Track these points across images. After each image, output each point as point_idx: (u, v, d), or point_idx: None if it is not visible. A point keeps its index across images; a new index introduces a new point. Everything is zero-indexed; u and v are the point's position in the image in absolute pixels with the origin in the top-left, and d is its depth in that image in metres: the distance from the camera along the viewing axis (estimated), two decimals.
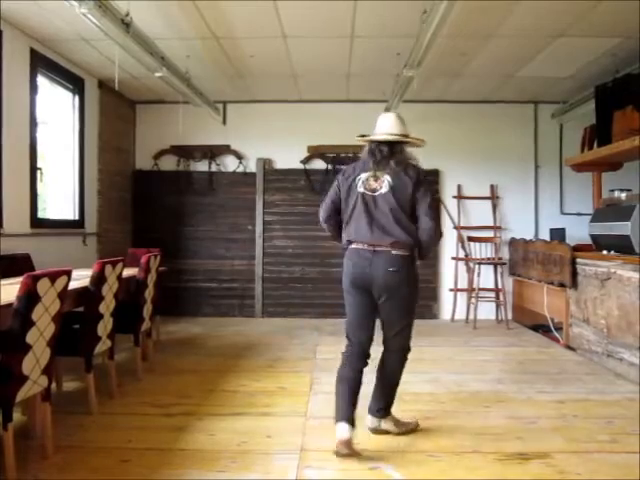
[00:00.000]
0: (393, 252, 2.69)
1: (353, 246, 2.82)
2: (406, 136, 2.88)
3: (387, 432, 2.91)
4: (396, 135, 2.85)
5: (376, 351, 2.89)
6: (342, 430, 2.57)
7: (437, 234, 2.79)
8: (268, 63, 5.50)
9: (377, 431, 2.91)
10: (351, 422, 2.60)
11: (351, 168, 2.91)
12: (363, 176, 2.82)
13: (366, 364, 2.83)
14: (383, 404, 2.92)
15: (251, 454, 2.67)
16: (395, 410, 2.97)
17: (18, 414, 2.88)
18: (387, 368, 2.92)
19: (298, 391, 3.73)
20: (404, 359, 2.93)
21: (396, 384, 2.94)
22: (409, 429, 2.95)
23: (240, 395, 3.62)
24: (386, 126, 2.93)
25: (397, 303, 2.76)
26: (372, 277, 2.72)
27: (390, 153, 2.81)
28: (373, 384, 2.94)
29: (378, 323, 2.88)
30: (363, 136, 3.01)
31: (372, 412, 2.93)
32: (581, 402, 3.52)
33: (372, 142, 2.91)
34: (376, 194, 2.76)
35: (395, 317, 2.81)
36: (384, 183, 2.75)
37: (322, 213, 3.00)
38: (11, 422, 2.31)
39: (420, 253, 2.81)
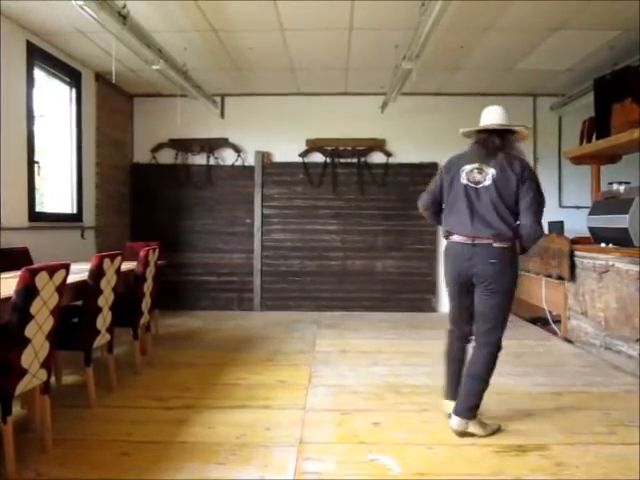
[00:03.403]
0: (494, 244, 2.73)
1: (453, 238, 2.86)
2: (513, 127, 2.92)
3: (473, 435, 2.79)
4: (503, 125, 2.89)
5: None
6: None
7: (537, 230, 2.78)
8: (266, 56, 5.48)
9: (464, 434, 2.79)
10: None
11: (456, 159, 2.94)
12: (467, 168, 2.84)
13: (469, 342, 2.97)
14: (472, 404, 2.79)
15: (250, 447, 2.68)
16: (395, 401, 2.98)
17: (17, 407, 2.88)
18: (476, 365, 2.83)
19: (297, 384, 3.74)
20: (494, 356, 2.84)
21: (485, 382, 2.81)
22: (494, 431, 2.85)
23: (239, 388, 3.63)
24: (494, 117, 2.95)
25: (494, 295, 2.78)
26: (473, 269, 2.77)
27: (501, 145, 2.83)
28: (461, 385, 2.88)
29: None
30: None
31: (459, 413, 2.79)
32: (579, 394, 3.54)
33: (482, 132, 2.93)
34: (479, 187, 2.79)
35: (489, 310, 2.81)
36: (488, 176, 2.78)
37: (420, 202, 3.07)
38: (10, 415, 2.31)
39: (521, 247, 2.87)
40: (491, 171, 2.78)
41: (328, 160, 6.89)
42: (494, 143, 2.83)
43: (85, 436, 2.80)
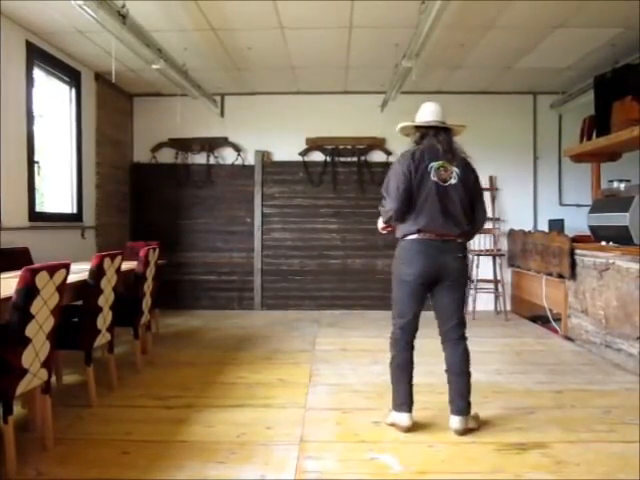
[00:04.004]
0: (458, 240, 2.86)
1: (419, 236, 2.81)
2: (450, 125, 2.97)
3: (472, 430, 2.83)
4: (446, 123, 2.93)
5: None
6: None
7: (485, 223, 3.06)
8: (266, 55, 5.47)
9: (465, 431, 2.80)
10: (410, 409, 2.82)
11: (419, 153, 2.84)
12: (435, 165, 2.82)
13: (413, 349, 2.93)
14: (468, 399, 2.83)
15: (250, 445, 2.68)
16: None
17: (18, 407, 2.88)
18: (460, 362, 2.86)
19: (297, 383, 3.74)
20: (468, 347, 2.91)
21: (470, 374, 2.87)
22: (479, 419, 2.95)
23: (239, 387, 3.64)
24: (431, 113, 2.95)
25: (459, 288, 2.89)
26: (442, 265, 2.80)
27: (449, 142, 2.88)
28: (449, 386, 2.88)
29: None
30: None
31: (461, 412, 2.80)
32: (579, 392, 3.54)
33: (425, 128, 2.93)
34: (447, 184, 2.82)
35: (454, 303, 2.89)
36: (453, 174, 2.83)
37: (395, 204, 2.82)
38: (11, 415, 2.32)
39: (467, 239, 2.98)
40: (455, 169, 2.83)
41: (328, 159, 6.88)
42: (445, 140, 2.87)
43: (85, 435, 2.80)
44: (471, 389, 2.84)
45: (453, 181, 2.81)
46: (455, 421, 2.81)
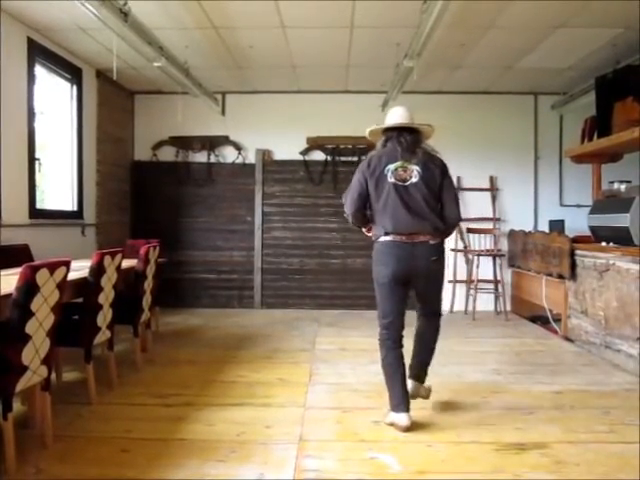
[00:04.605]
0: (431, 242, 2.84)
1: (390, 238, 2.87)
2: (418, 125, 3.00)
3: (421, 397, 3.12)
4: (411, 124, 2.97)
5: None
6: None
7: (459, 218, 3.04)
8: (267, 54, 5.47)
9: (415, 396, 3.06)
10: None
11: (376, 159, 2.94)
12: (392, 167, 2.88)
13: (402, 347, 2.97)
14: (427, 370, 3.14)
15: (250, 444, 2.68)
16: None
17: (18, 404, 2.88)
18: (430, 335, 3.11)
19: (297, 382, 3.74)
20: (439, 323, 3.13)
21: (434, 348, 3.13)
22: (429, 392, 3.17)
23: (239, 386, 3.64)
24: (399, 117, 3.00)
25: (437, 284, 3.05)
26: (415, 268, 2.85)
27: (413, 142, 2.90)
28: (413, 353, 3.12)
29: None
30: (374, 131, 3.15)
31: (418, 378, 3.11)
32: (579, 393, 3.54)
33: (391, 131, 2.98)
34: (407, 184, 2.86)
35: (434, 295, 3.09)
36: (413, 173, 2.86)
37: (350, 206, 3.00)
38: (11, 412, 2.32)
39: (443, 236, 2.99)
40: (415, 168, 2.87)
41: (329, 158, 6.88)
42: (407, 140, 2.91)
43: (85, 433, 2.80)
44: (431, 362, 3.13)
45: (414, 180, 2.86)
46: (409, 385, 2.98)
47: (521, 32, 4.81)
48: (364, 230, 3.17)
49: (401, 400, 2.84)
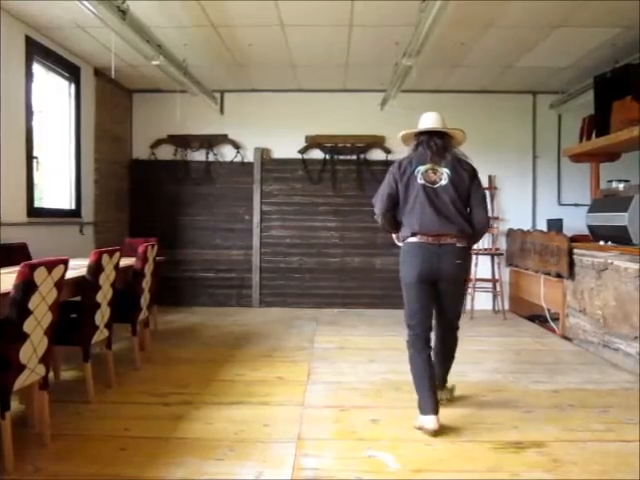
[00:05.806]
0: (458, 245, 2.85)
1: (417, 239, 2.89)
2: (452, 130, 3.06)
3: (447, 400, 3.23)
4: (441, 128, 3.03)
5: None
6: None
7: (488, 224, 3.06)
8: (266, 52, 5.46)
9: (442, 400, 3.10)
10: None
11: (407, 161, 3.00)
12: (422, 168, 2.92)
13: (431, 348, 2.97)
14: (447, 376, 3.23)
15: (249, 443, 2.68)
16: (394, 398, 2.98)
17: (16, 403, 2.88)
18: (451, 347, 3.15)
19: (295, 380, 3.74)
20: (457, 335, 3.16)
21: (454, 356, 3.20)
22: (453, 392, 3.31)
23: (238, 384, 3.64)
24: (430, 121, 3.06)
25: (458, 290, 3.04)
26: (440, 270, 2.86)
27: (443, 146, 2.95)
28: (438, 361, 3.14)
29: None
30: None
31: (440, 383, 3.17)
32: (577, 392, 3.55)
33: (422, 135, 3.03)
34: (436, 186, 2.89)
35: (455, 302, 3.05)
36: (443, 176, 2.90)
37: (379, 207, 3.05)
38: (9, 410, 2.32)
39: (471, 241, 2.99)
40: (445, 170, 2.91)
41: (327, 157, 6.88)
42: (437, 144, 2.96)
43: (83, 431, 2.80)
44: (451, 368, 3.22)
45: (443, 182, 2.89)
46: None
47: (520, 31, 4.81)
48: (394, 237, 3.20)
49: (429, 403, 2.82)
